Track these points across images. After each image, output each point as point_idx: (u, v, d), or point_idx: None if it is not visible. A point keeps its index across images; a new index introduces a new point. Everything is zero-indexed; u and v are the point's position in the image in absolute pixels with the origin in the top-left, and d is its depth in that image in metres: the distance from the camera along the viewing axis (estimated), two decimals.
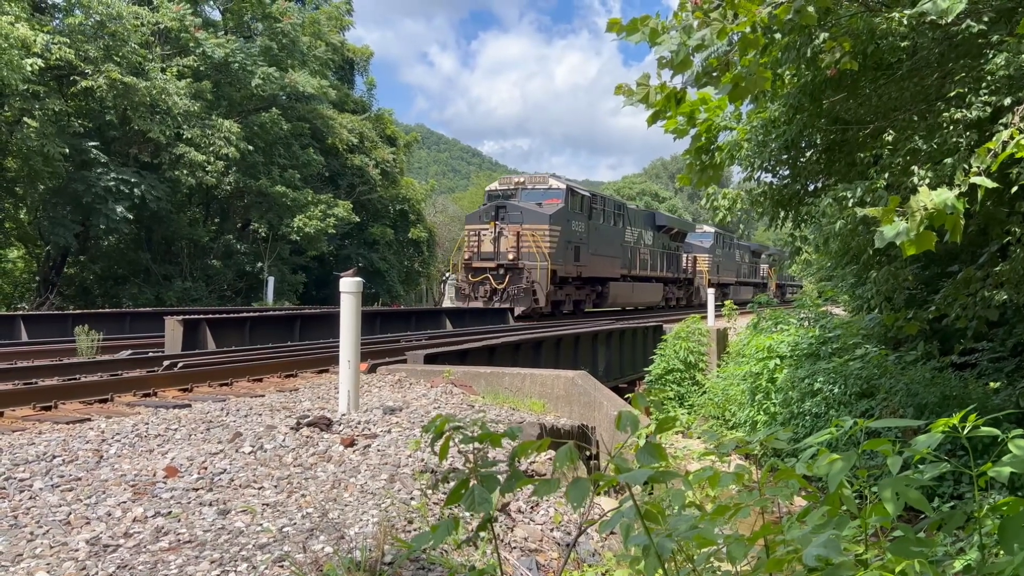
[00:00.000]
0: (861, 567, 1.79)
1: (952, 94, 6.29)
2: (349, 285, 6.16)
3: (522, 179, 24.73)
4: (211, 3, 30.38)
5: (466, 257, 22.53)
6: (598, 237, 25.37)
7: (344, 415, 5.82)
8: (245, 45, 27.64)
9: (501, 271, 21.73)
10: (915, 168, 6.37)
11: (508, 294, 21.36)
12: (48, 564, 2.97)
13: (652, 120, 4.14)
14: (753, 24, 3.40)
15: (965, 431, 2.10)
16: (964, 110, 6.15)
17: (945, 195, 2.76)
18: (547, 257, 21.61)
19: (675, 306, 34.36)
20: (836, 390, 10.07)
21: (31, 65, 18.98)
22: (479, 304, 21.34)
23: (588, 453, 6.42)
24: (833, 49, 5.14)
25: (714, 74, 3.70)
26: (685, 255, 36.23)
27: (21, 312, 17.93)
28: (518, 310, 21.30)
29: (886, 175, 6.84)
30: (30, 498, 3.71)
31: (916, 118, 6.91)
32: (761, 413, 11.40)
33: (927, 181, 6.00)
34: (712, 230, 42.03)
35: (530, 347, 11.19)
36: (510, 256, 21.60)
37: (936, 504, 6.78)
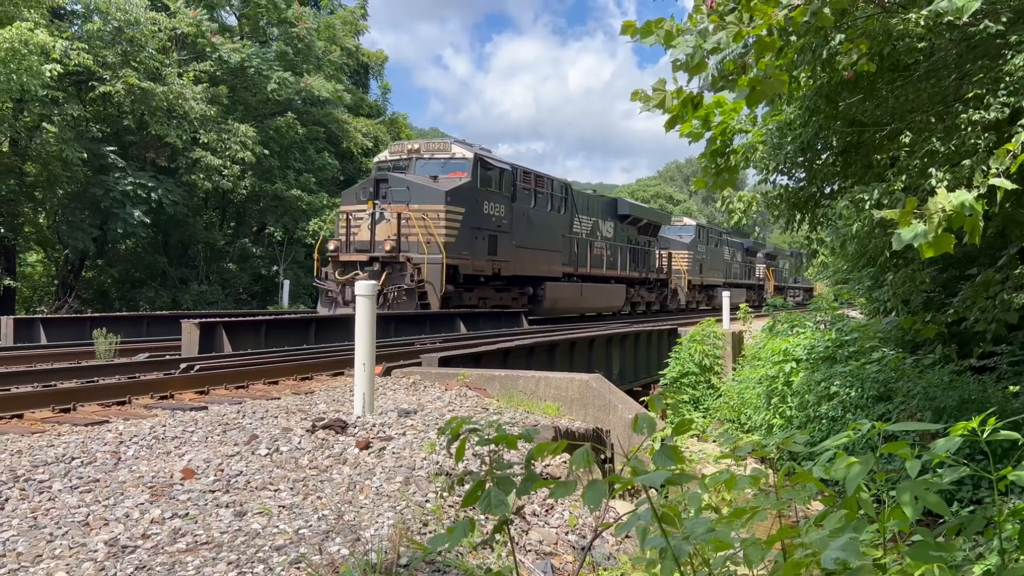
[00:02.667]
0: (879, 571, 1.78)
1: (970, 95, 6.24)
2: (364, 288, 6.19)
3: (417, 146, 19.10)
4: (227, 8, 30.63)
5: (332, 248, 17.18)
6: (528, 225, 20.04)
7: (359, 418, 5.84)
8: (261, 50, 27.85)
9: (375, 266, 16.53)
10: (933, 170, 6.33)
11: (384, 297, 16.14)
12: (67, 565, 2.99)
13: (669, 125, 4.13)
14: (769, 27, 3.40)
15: (984, 435, 2.08)
16: (982, 111, 6.10)
17: (964, 197, 2.74)
18: (441, 247, 16.50)
19: (644, 312, 28.30)
20: (853, 393, 9.99)
21: (50, 71, 19.20)
22: (349, 311, 15.11)
23: (603, 456, 6.41)
24: (850, 51, 5.12)
25: (730, 77, 3.69)
26: (659, 251, 30.43)
27: (40, 315, 18.10)
28: None
29: (903, 177, 6.80)
30: (49, 499, 3.75)
31: (933, 120, 6.86)
32: (777, 417, 11.33)
33: (945, 183, 5.96)
34: (693, 223, 36.06)
35: (544, 350, 11.18)
36: (387, 246, 16.37)
37: (955, 508, 6.71)
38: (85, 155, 21.82)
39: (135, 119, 23.95)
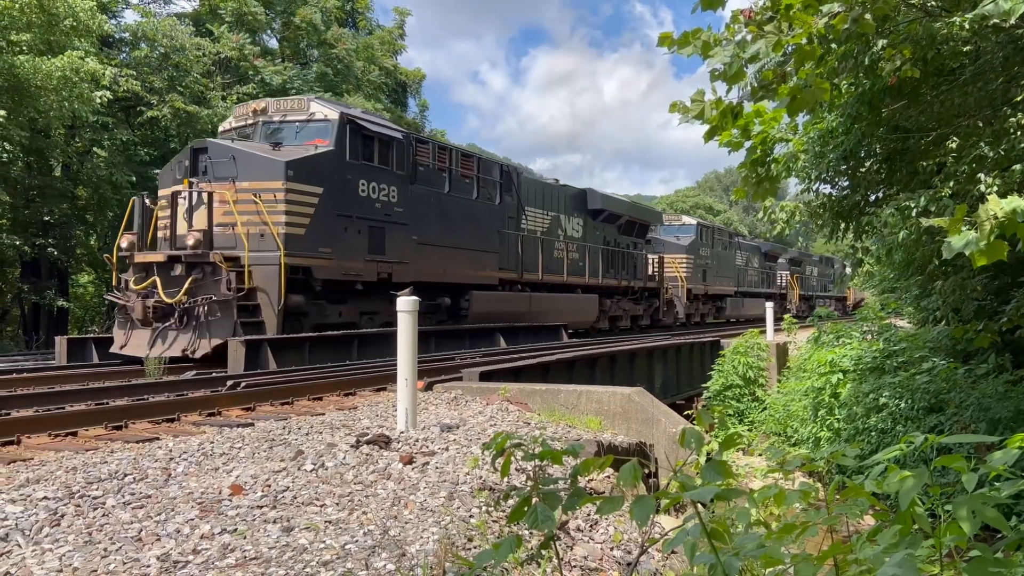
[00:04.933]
0: None
1: (1019, 99, 6.10)
2: (406, 304, 6.23)
3: (264, 105, 14.09)
4: (268, 32, 31.28)
5: (124, 246, 12.39)
6: (439, 215, 15.51)
7: (402, 433, 5.88)
8: (302, 72, 28.40)
9: (177, 269, 11.76)
10: (982, 176, 6.19)
11: (188, 316, 11.49)
12: None
13: (708, 136, 4.11)
14: (809, 35, 3.37)
15: None
16: None
17: (1016, 203, 2.68)
18: (279, 241, 11.91)
19: (629, 329, 23.70)
20: (903, 405, 9.77)
21: (100, 98, 19.81)
22: (146, 335, 11.61)
23: (647, 471, 6.35)
24: (893, 57, 5.04)
25: (770, 87, 3.66)
26: (650, 256, 26.21)
27: (92, 335, 18.58)
28: (202, 347, 11.22)
29: (951, 183, 6.66)
30: (103, 515, 3.83)
31: (981, 124, 6.72)
32: (824, 429, 11.13)
33: (995, 189, 5.82)
34: (693, 221, 31.07)
35: (584, 364, 11.14)
36: (190, 241, 11.67)
37: (1014, 523, 6.51)
38: (134, 178, 22.44)
39: (181, 142, 24.55)
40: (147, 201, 12.99)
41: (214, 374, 10.09)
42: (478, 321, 16.15)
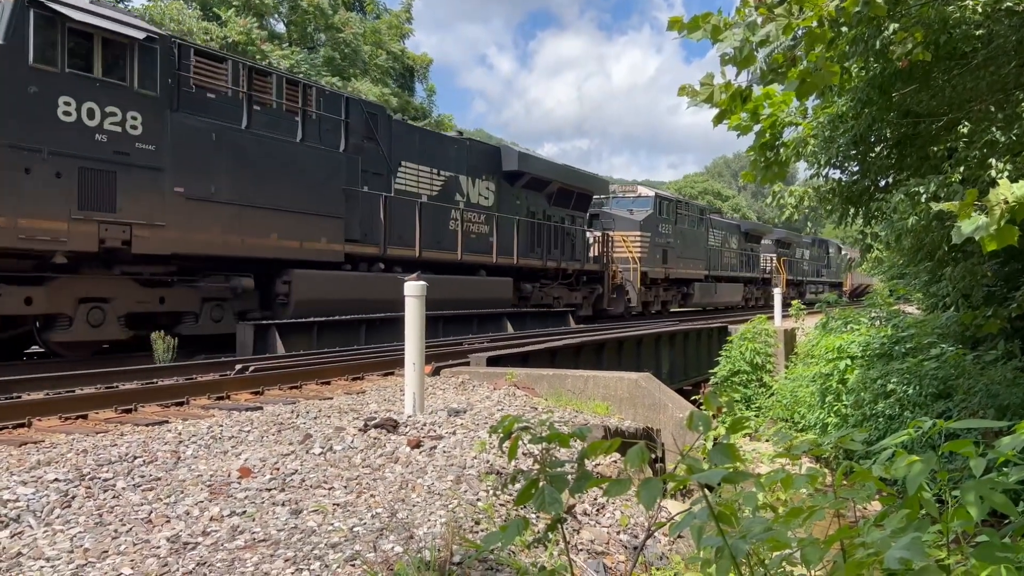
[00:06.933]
0: (944, 572, 1.74)
1: None
2: (413, 289, 6.24)
3: None
4: (276, 16, 31.20)
5: None
6: (233, 161, 11.15)
7: (410, 417, 5.90)
8: (309, 56, 28.33)
9: None
10: (993, 160, 6.15)
11: None
12: (132, 560, 3.09)
13: (717, 120, 4.09)
14: (820, 18, 3.34)
15: None
16: None
17: None
18: None
19: (574, 321, 19.14)
20: (910, 391, 9.76)
21: None
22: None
23: (654, 456, 6.37)
24: (904, 40, 4.99)
25: (780, 70, 3.63)
26: (594, 233, 22.29)
27: None
28: None
29: (961, 168, 6.61)
30: (114, 497, 3.86)
31: (993, 109, 6.66)
32: (832, 415, 11.12)
33: (1006, 173, 5.78)
34: (651, 193, 25.63)
35: (592, 349, 11.15)
36: None
37: (1022, 508, 6.50)
38: None
39: None
40: None
41: (223, 358, 10.14)
42: (306, 312, 11.98)
